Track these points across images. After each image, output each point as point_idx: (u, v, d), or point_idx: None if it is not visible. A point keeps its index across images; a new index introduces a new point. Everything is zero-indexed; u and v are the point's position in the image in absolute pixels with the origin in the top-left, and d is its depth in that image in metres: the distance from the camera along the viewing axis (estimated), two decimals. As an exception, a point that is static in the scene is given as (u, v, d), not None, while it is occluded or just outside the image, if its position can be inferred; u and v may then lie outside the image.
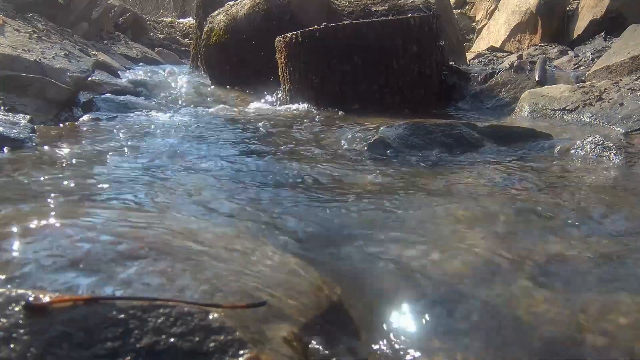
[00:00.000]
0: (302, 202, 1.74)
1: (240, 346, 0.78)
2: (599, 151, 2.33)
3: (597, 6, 6.41)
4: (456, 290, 1.16)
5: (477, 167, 2.22)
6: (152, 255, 1.04)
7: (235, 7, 5.30)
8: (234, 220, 1.54)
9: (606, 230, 1.50)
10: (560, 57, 5.41)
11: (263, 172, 2.13)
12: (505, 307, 1.10)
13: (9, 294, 0.80)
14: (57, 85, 3.65)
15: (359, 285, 1.21)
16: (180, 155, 2.37)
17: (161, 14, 16.20)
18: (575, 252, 1.35)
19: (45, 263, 0.95)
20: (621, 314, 1.07)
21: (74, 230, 1.15)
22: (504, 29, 7.63)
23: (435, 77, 4.03)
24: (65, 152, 2.38)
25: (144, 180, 1.92)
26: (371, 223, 1.56)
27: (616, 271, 1.27)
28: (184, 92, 5.15)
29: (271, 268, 1.13)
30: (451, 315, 1.07)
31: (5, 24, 4.43)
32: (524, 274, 1.24)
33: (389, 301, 1.13)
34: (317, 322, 0.96)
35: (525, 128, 2.86)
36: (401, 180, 2.03)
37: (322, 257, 1.32)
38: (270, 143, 2.75)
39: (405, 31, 3.83)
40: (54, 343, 0.74)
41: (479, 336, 1.01)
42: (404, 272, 1.24)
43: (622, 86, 3.25)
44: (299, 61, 4.02)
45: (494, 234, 1.47)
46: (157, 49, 9.65)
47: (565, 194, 1.84)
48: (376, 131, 2.64)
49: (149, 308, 0.81)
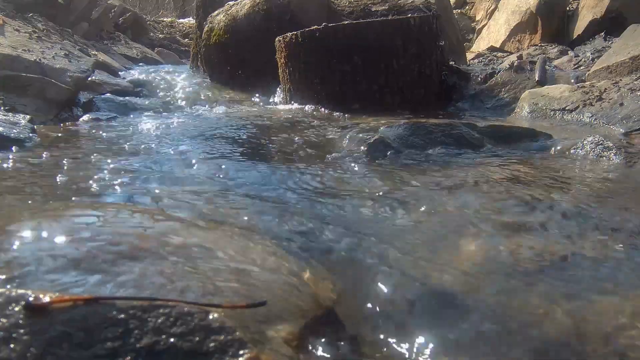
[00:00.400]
0: (301, 202, 1.74)
1: (240, 346, 0.78)
2: (599, 151, 2.33)
3: (597, 6, 6.41)
4: (455, 290, 1.16)
5: (477, 167, 2.22)
6: (152, 255, 1.04)
7: (235, 7, 5.30)
8: (233, 220, 1.54)
9: (606, 230, 1.50)
10: (560, 57, 5.42)
11: (263, 173, 2.13)
12: (505, 307, 1.10)
13: (9, 294, 0.80)
14: (57, 85, 3.65)
15: (358, 285, 1.21)
16: (180, 156, 2.37)
17: (161, 14, 16.19)
18: (574, 251, 1.35)
19: (45, 263, 0.95)
20: (620, 313, 1.07)
21: (74, 230, 1.15)
22: (504, 29, 7.63)
23: (435, 77, 4.03)
24: (65, 152, 2.38)
25: (144, 180, 1.93)
26: (371, 223, 1.56)
27: (616, 271, 1.27)
28: (184, 92, 5.15)
29: (271, 268, 1.13)
30: (450, 315, 1.07)
31: (5, 24, 4.43)
32: (524, 273, 1.24)
33: (389, 301, 1.13)
34: (317, 322, 0.96)
35: (525, 128, 2.86)
36: (401, 180, 2.03)
37: (321, 257, 1.33)
38: (269, 143, 2.75)
39: (405, 31, 3.83)
40: (54, 343, 0.74)
41: (478, 337, 1.01)
42: (404, 272, 1.24)
43: (622, 86, 3.25)
44: (299, 61, 4.02)
45: (494, 233, 1.48)
46: (157, 49, 9.64)
47: (565, 193, 1.84)
48: (376, 131, 2.64)
49: (149, 308, 0.81)
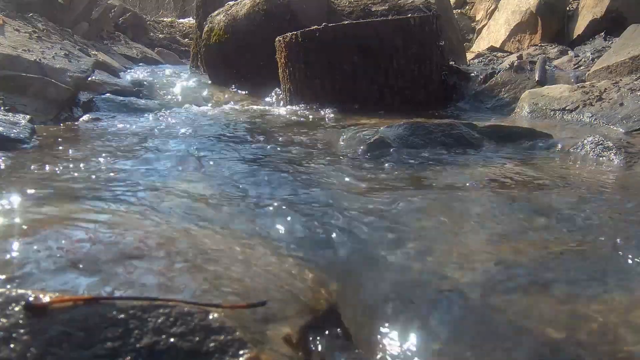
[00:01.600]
0: (300, 202, 1.74)
1: (240, 346, 0.78)
2: (599, 151, 2.33)
3: (597, 6, 6.41)
4: (455, 290, 1.16)
5: (477, 167, 2.22)
6: (152, 255, 1.04)
7: (235, 7, 5.30)
8: (233, 221, 1.54)
9: (606, 229, 1.50)
10: (560, 57, 5.42)
11: (262, 172, 2.13)
12: (505, 308, 1.10)
13: (9, 294, 0.80)
14: (57, 85, 3.65)
15: (358, 285, 1.21)
16: (179, 156, 2.37)
17: (161, 14, 16.19)
18: (574, 251, 1.35)
19: (45, 263, 0.95)
20: (619, 313, 1.07)
21: (74, 230, 1.15)
22: (504, 29, 7.63)
23: (435, 77, 4.03)
24: (65, 152, 2.38)
25: (144, 180, 1.92)
26: (370, 223, 1.55)
27: (616, 271, 1.27)
28: (184, 92, 5.15)
29: (270, 269, 1.13)
30: (450, 315, 1.07)
31: (5, 24, 4.43)
32: (523, 273, 1.24)
33: (388, 302, 1.13)
34: (317, 322, 0.96)
35: (525, 128, 2.86)
36: (401, 180, 2.03)
37: (321, 258, 1.32)
38: (269, 143, 2.75)
39: (405, 31, 3.83)
40: (54, 343, 0.74)
41: (478, 337, 1.01)
42: (403, 272, 1.24)
43: (622, 86, 3.25)
44: (299, 61, 4.02)
45: (493, 233, 1.48)
46: (157, 49, 9.64)
47: (565, 193, 1.84)
48: (376, 131, 2.64)
49: (149, 308, 0.81)
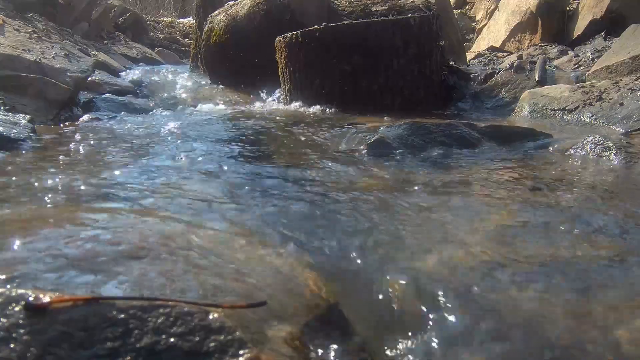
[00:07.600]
0: (301, 202, 1.74)
1: (240, 346, 0.78)
2: (599, 151, 2.33)
3: (597, 6, 6.41)
4: (454, 290, 1.16)
5: (477, 167, 2.22)
6: (152, 255, 1.04)
7: (235, 7, 5.30)
8: (233, 221, 1.54)
9: (606, 229, 1.50)
10: (560, 57, 5.42)
11: (262, 172, 2.13)
12: (505, 308, 1.10)
13: (9, 294, 0.80)
14: (57, 85, 3.65)
15: (359, 284, 1.21)
16: (179, 156, 2.37)
17: (161, 14, 16.19)
18: (574, 251, 1.35)
19: (45, 263, 0.95)
20: (618, 313, 1.07)
21: (74, 230, 1.15)
22: (504, 29, 7.63)
23: (435, 77, 4.03)
24: (65, 152, 2.38)
25: (144, 180, 1.92)
26: (370, 223, 1.55)
27: (615, 271, 1.27)
28: (184, 92, 5.15)
29: (270, 269, 1.13)
30: (450, 315, 1.07)
31: (5, 24, 4.43)
32: (523, 273, 1.24)
33: (388, 301, 1.13)
34: (317, 322, 0.96)
35: (525, 128, 2.87)
36: (401, 180, 2.03)
37: (320, 257, 1.32)
38: (269, 143, 2.75)
39: (405, 31, 3.83)
40: (54, 343, 0.74)
41: (478, 338, 1.01)
42: (403, 272, 1.24)
43: (622, 86, 3.25)
44: (299, 61, 4.02)
45: (493, 233, 1.47)
46: (157, 49, 9.64)
47: (565, 193, 1.84)
48: (376, 131, 2.64)
49: (149, 308, 0.81)
